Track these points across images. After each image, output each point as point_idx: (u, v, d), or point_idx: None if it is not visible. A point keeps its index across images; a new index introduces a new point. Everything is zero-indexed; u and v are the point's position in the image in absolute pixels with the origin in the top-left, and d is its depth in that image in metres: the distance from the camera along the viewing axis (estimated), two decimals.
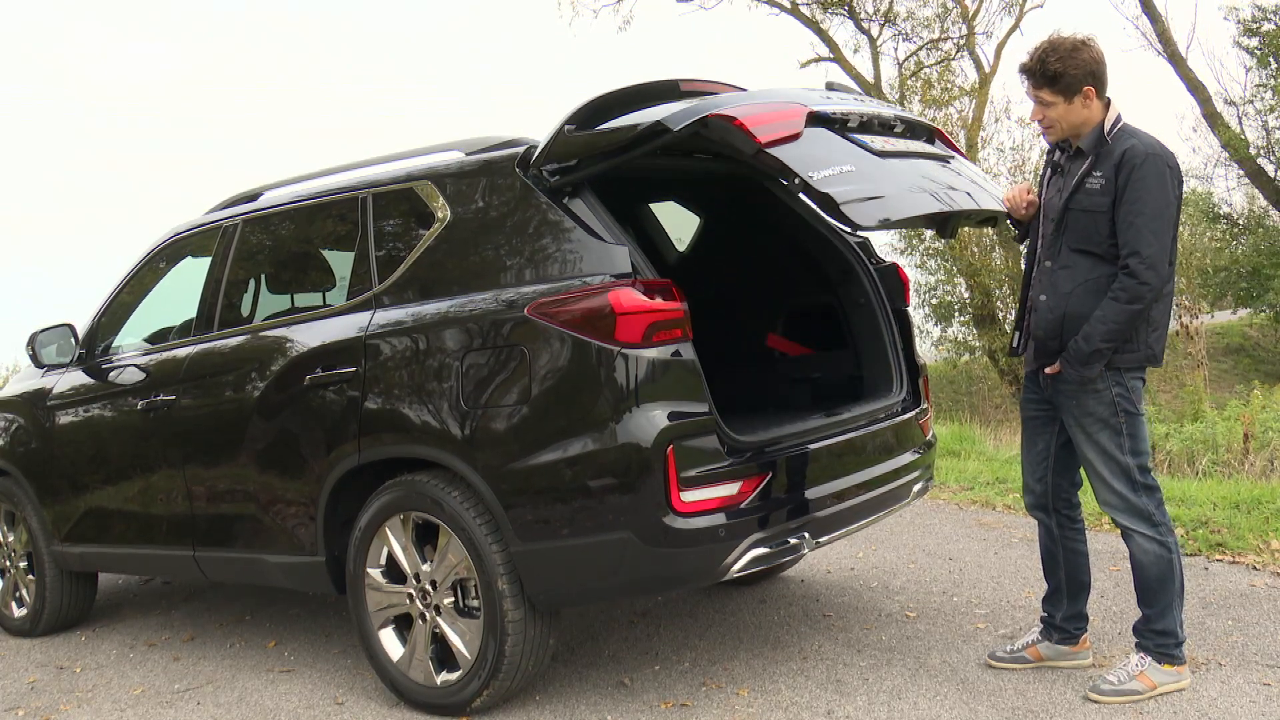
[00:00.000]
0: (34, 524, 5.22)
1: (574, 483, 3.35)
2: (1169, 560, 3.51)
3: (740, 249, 4.92)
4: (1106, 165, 3.36)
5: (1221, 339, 23.76)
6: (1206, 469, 8.73)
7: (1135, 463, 3.49)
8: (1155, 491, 3.53)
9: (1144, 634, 3.59)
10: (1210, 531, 5.39)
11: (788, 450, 3.64)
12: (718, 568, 3.39)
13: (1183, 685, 3.55)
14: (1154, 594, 3.54)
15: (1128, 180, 3.30)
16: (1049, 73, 3.39)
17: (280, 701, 4.08)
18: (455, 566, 3.64)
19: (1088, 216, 3.40)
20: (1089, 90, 3.38)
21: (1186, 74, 20.01)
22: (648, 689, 3.88)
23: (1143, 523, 3.51)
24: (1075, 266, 3.45)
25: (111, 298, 5.17)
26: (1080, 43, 3.41)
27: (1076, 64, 3.36)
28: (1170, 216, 3.35)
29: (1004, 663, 3.85)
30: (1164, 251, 3.31)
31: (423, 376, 3.66)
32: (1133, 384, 3.49)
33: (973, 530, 5.95)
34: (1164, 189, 3.32)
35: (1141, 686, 3.51)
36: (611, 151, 3.46)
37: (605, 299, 3.31)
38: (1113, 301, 3.32)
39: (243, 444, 4.22)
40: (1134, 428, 3.48)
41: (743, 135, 3.21)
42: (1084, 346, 3.37)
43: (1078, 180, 3.42)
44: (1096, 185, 3.37)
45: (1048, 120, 3.49)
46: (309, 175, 4.61)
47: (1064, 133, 3.49)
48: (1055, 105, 3.43)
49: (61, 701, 4.32)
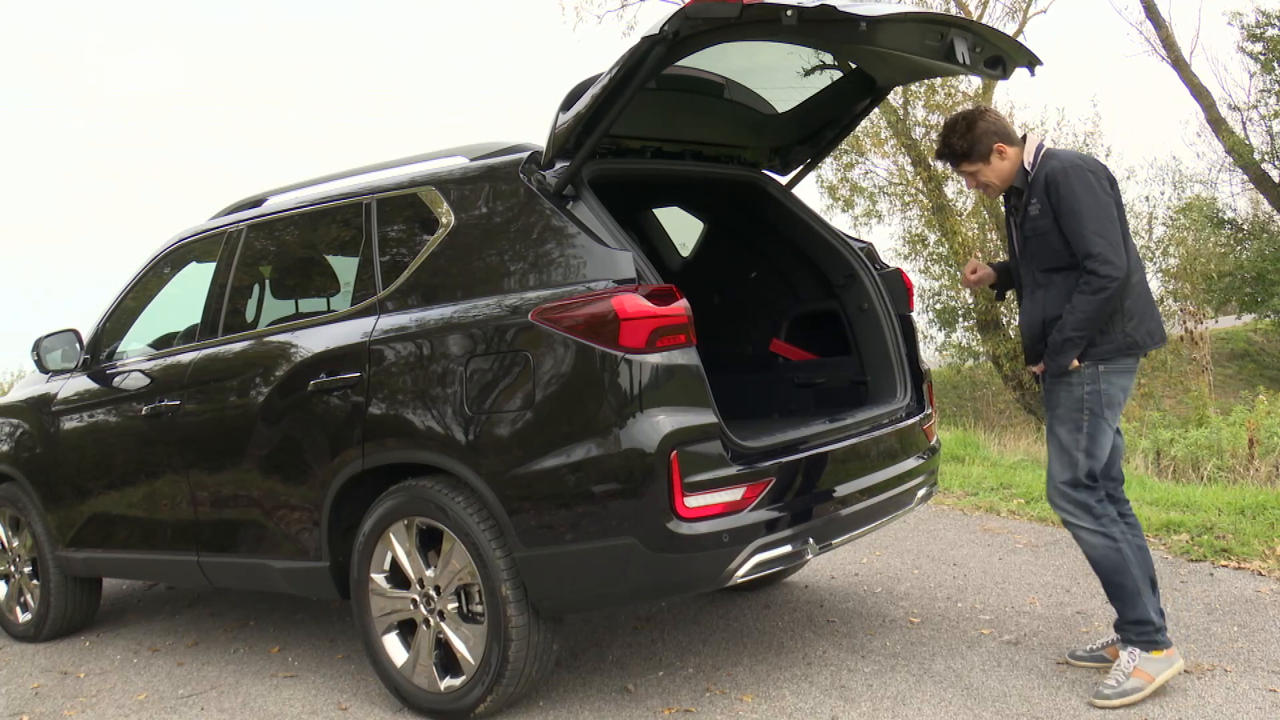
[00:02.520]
0: (38, 529, 5.22)
1: (578, 488, 3.35)
2: (1117, 549, 3.62)
3: (744, 254, 4.92)
4: (1039, 191, 3.63)
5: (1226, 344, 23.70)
6: (1211, 474, 8.73)
7: (1086, 463, 3.63)
8: (1099, 489, 3.67)
9: (1123, 627, 3.67)
10: (1215, 537, 5.38)
11: (792, 456, 3.64)
12: (722, 573, 3.39)
13: (1177, 669, 3.61)
14: (1116, 586, 3.64)
15: (1058, 196, 3.56)
16: (958, 150, 3.72)
17: (284, 707, 4.08)
18: (459, 572, 3.64)
19: (1040, 239, 3.65)
20: (999, 146, 3.68)
21: (1190, 79, 19.99)
22: (651, 695, 3.88)
23: (1084, 515, 3.64)
24: (1052, 284, 3.66)
25: (116, 303, 5.18)
26: (975, 114, 3.75)
27: (977, 134, 3.69)
28: (1108, 212, 3.55)
29: (1082, 661, 3.86)
30: (1113, 245, 3.50)
31: (427, 382, 3.66)
32: (1109, 388, 3.61)
33: (977, 536, 5.94)
34: (1092, 192, 3.54)
35: (1141, 683, 3.54)
36: (608, 99, 3.41)
37: (609, 304, 3.31)
38: (1079, 294, 3.52)
39: (247, 449, 4.23)
40: (1095, 429, 3.62)
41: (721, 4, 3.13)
42: (1057, 336, 3.58)
43: (1023, 212, 3.69)
44: (1036, 210, 3.64)
45: (981, 184, 3.79)
46: (313, 181, 4.61)
47: (1001, 186, 3.77)
48: (979, 170, 3.74)
49: (65, 707, 4.32)
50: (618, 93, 3.40)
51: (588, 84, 3.53)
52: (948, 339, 18.99)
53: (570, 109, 3.54)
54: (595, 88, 3.43)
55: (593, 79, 3.50)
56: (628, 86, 3.37)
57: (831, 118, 4.52)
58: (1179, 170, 24.08)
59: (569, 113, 3.53)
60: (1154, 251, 17.61)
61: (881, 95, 4.40)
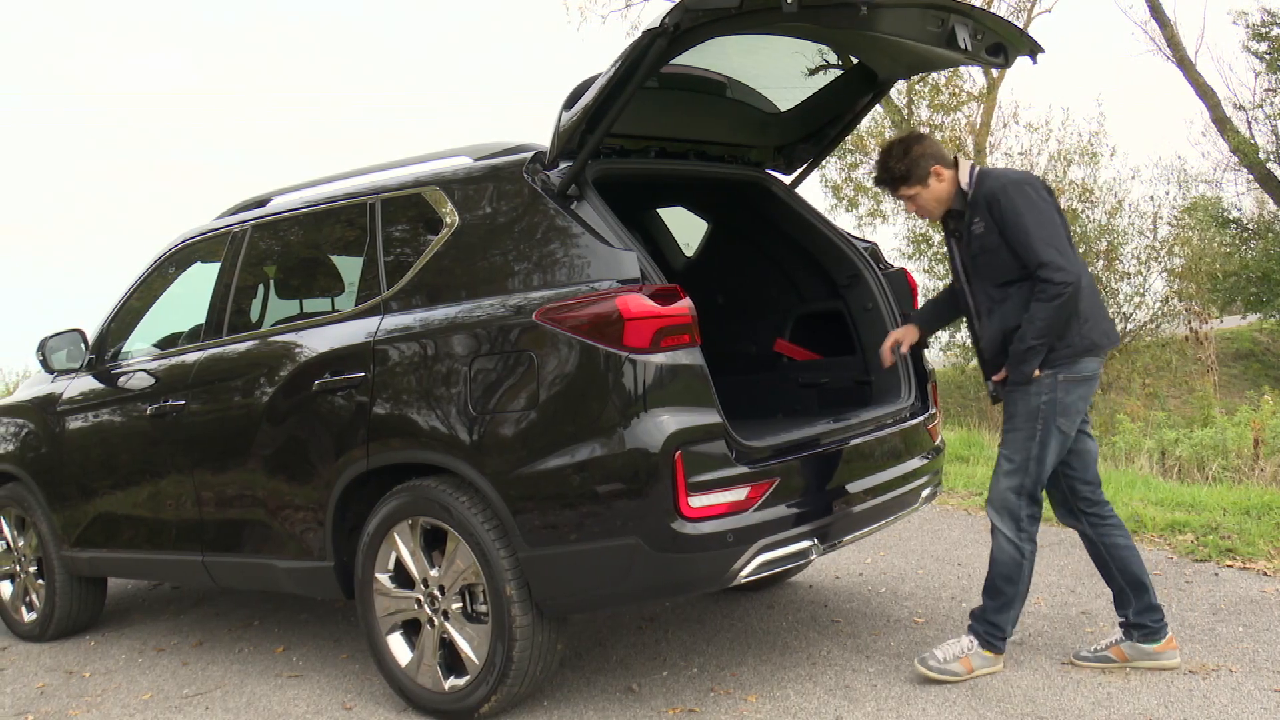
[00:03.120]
0: (44, 529, 5.23)
1: (582, 488, 3.35)
2: (1020, 565, 3.78)
3: (748, 254, 4.92)
4: (980, 209, 3.73)
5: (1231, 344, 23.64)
6: (1217, 475, 8.71)
7: (1036, 470, 3.72)
8: (1036, 507, 3.78)
9: (980, 620, 3.83)
10: (1220, 538, 5.37)
11: (796, 456, 3.64)
12: (726, 573, 3.39)
13: (995, 669, 3.84)
14: (998, 590, 3.80)
15: (1000, 212, 3.66)
16: (898, 174, 3.82)
17: (288, 706, 4.09)
18: (463, 572, 3.64)
19: (989, 255, 3.74)
20: (936, 168, 3.79)
21: (1195, 78, 19.96)
22: (655, 695, 3.88)
23: (1010, 524, 3.77)
24: (1007, 297, 3.74)
25: (121, 303, 5.19)
26: (911, 138, 3.87)
27: (914, 157, 3.79)
28: (1051, 220, 3.66)
29: (1087, 662, 3.88)
30: (1061, 252, 3.59)
31: (431, 382, 3.66)
32: (1066, 397, 3.68)
33: (981, 536, 5.93)
34: (1033, 204, 3.64)
35: (961, 670, 3.78)
36: (611, 95, 3.41)
37: (613, 304, 3.31)
38: (1037, 303, 3.60)
39: (251, 449, 4.23)
40: (1047, 438, 3.70)
41: None
42: (1019, 345, 3.65)
43: (967, 232, 3.79)
44: (980, 229, 3.73)
45: (920, 207, 3.87)
46: (318, 181, 4.62)
47: (939, 209, 3.87)
48: (918, 194, 3.83)
49: (70, 706, 4.33)
50: (620, 88, 3.40)
51: (590, 82, 3.53)
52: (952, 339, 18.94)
53: (573, 107, 3.54)
54: (598, 84, 3.43)
55: (595, 77, 3.51)
56: (630, 82, 3.37)
57: (834, 114, 4.51)
58: (1184, 170, 24.01)
59: (572, 110, 3.53)
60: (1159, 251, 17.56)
61: (884, 90, 4.40)
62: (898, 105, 18.53)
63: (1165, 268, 17.69)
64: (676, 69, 3.78)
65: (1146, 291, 17.37)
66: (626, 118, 3.56)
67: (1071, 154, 17.36)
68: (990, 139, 19.26)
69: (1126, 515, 5.94)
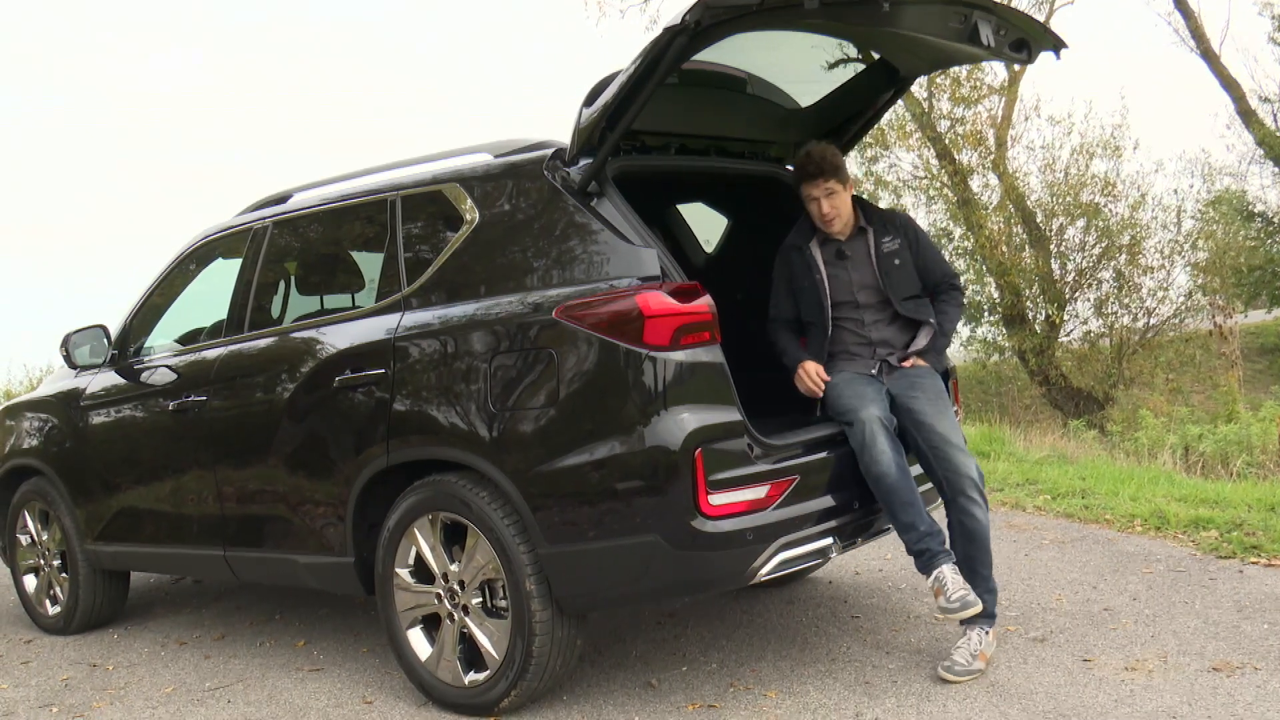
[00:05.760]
0: (67, 523, 5.28)
1: (601, 486, 3.35)
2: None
3: (768, 250, 4.90)
4: (892, 229, 4.11)
5: (1256, 339, 23.40)
6: (1241, 471, 8.63)
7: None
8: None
9: (990, 597, 3.86)
10: (1245, 534, 5.32)
11: (816, 454, 3.63)
12: (745, 571, 3.38)
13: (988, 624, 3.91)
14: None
15: (915, 233, 4.15)
16: (836, 164, 4.01)
17: (309, 700, 4.11)
18: (483, 567, 3.65)
19: (902, 269, 4.08)
20: (851, 181, 4.09)
21: (1220, 71, 19.75)
22: (675, 690, 3.88)
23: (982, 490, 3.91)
24: (919, 302, 4.11)
25: (143, 299, 5.22)
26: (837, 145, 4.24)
27: (842, 158, 4.09)
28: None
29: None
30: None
31: (451, 379, 3.67)
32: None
33: (1002, 532, 5.90)
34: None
35: (982, 665, 3.79)
36: (632, 92, 3.40)
37: (633, 302, 3.31)
38: (954, 306, 4.18)
39: (272, 445, 4.25)
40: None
41: None
42: (943, 341, 4.14)
43: (876, 251, 4.07)
44: (895, 246, 4.08)
45: (835, 207, 4.02)
46: (338, 178, 4.63)
47: (844, 220, 4.08)
48: (838, 193, 4.01)
49: (94, 699, 4.37)
50: (641, 85, 3.39)
51: (611, 79, 3.53)
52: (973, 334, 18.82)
53: (594, 103, 3.54)
54: (618, 81, 3.42)
55: (615, 74, 3.50)
56: (650, 79, 3.36)
57: (855, 110, 4.49)
58: (1208, 163, 23.82)
59: (592, 107, 3.53)
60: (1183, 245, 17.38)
61: (905, 86, 4.37)
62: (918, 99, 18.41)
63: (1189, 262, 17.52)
64: (697, 65, 3.77)
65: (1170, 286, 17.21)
66: (647, 114, 3.56)
67: (1094, 147, 17.19)
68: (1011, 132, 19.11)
69: (1150, 511, 5.90)
